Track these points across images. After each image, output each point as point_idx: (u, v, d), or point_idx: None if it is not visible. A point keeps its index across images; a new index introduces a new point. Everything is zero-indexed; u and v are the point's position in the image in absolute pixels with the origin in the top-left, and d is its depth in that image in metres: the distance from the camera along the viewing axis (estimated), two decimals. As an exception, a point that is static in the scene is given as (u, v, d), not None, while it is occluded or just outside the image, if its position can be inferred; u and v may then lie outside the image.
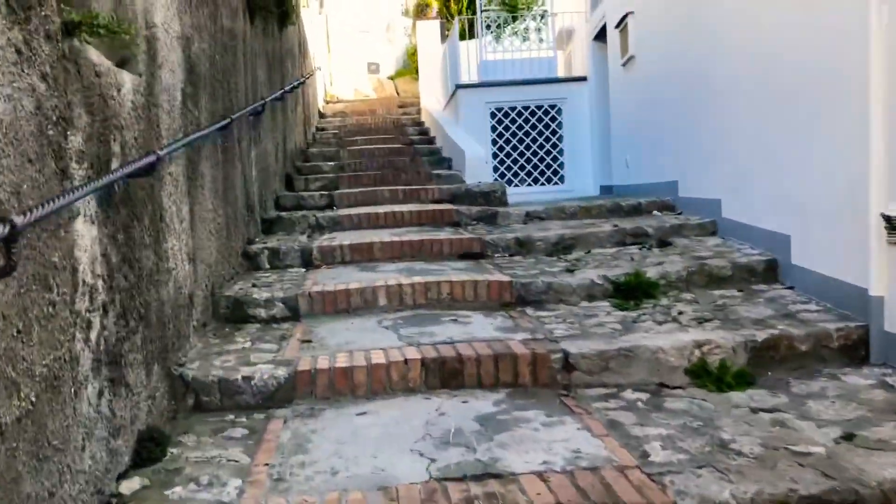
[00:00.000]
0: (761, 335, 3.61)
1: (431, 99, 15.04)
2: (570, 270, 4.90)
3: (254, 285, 4.79)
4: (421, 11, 17.43)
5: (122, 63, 3.01)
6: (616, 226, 6.06)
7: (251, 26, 6.51)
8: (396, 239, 5.75)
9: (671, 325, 3.91)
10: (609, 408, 3.17)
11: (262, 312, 4.40)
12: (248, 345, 3.89)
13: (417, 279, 4.65)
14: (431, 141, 12.17)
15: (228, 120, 4.48)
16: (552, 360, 3.43)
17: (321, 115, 15.41)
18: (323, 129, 13.79)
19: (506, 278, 4.62)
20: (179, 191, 3.72)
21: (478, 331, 3.91)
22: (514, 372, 3.40)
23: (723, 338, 3.57)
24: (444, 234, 6.07)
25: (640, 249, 5.57)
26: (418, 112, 15.73)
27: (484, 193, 7.86)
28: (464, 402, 3.24)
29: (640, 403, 3.22)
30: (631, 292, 4.53)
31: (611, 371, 3.44)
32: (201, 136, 3.94)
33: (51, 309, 2.10)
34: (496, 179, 10.75)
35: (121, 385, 2.65)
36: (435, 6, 17.59)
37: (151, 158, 2.66)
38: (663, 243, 5.66)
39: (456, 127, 11.06)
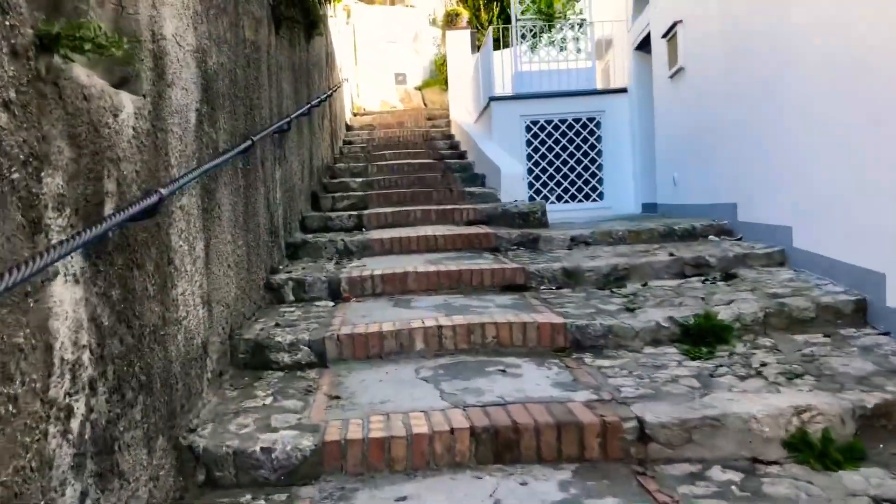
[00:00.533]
0: (870, 399, 3.06)
1: (461, 111, 14.58)
2: (629, 309, 4.36)
3: (277, 324, 4.31)
4: (450, 21, 17.00)
5: (122, 83, 2.55)
6: (673, 254, 5.51)
7: (276, 37, 6.07)
8: (432, 268, 5.26)
9: (757, 382, 3.36)
10: (698, 494, 2.63)
11: (285, 358, 3.93)
12: (268, 400, 3.41)
13: (458, 319, 4.14)
14: (463, 155, 11.70)
15: (250, 142, 4.02)
16: (625, 429, 2.90)
17: (348, 128, 15.02)
18: (350, 143, 13.38)
19: (558, 319, 4.10)
20: (192, 226, 3.25)
21: (531, 386, 3.39)
22: (580, 444, 2.88)
23: (825, 403, 3.02)
24: (484, 263, 5.57)
25: (703, 283, 5.02)
26: (448, 124, 15.28)
27: (522, 214, 7.36)
28: (522, 483, 2.72)
29: (734, 487, 2.68)
30: (701, 337, 3.99)
31: (694, 443, 2.91)
32: (220, 163, 3.49)
33: (10, 407, 1.62)
34: (532, 197, 10.24)
35: (112, 477, 2.18)
36: (465, 15, 17.15)
37: (152, 200, 2.19)
38: (728, 276, 5.11)
39: (489, 141, 10.57)
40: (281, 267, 5.66)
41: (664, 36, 8.24)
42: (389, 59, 25.79)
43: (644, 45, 10.04)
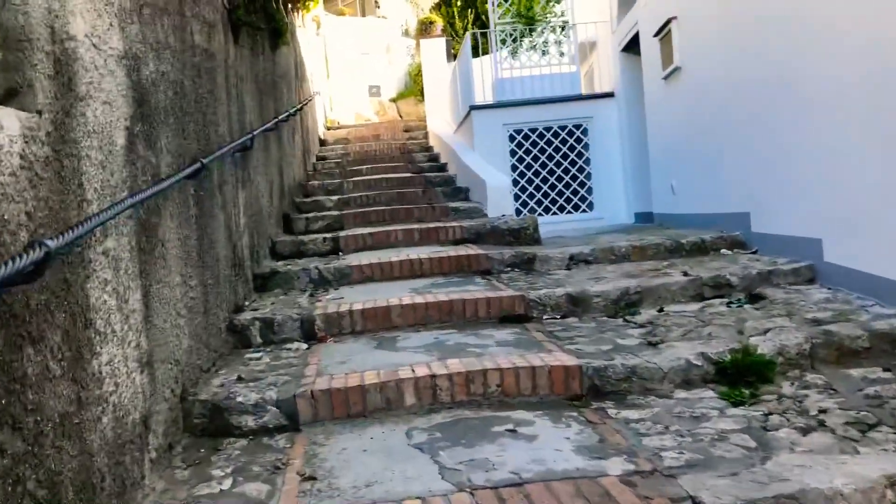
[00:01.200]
0: (975, 460, 2.48)
1: (439, 121, 14.00)
2: (651, 343, 3.76)
3: (240, 378, 3.65)
4: (424, 30, 16.46)
5: (8, 95, 1.91)
6: (687, 274, 4.93)
7: (235, 46, 5.44)
8: (419, 299, 4.63)
9: (823, 437, 2.77)
10: None
11: (249, 421, 3.27)
12: (227, 483, 2.75)
13: (454, 365, 3.51)
14: (443, 168, 11.10)
15: (199, 164, 3.38)
16: (678, 516, 2.29)
17: (322, 143, 14.37)
18: (324, 158, 12.73)
19: (572, 361, 3.49)
20: (124, 274, 2.61)
21: (550, 453, 2.77)
22: (623, 537, 2.27)
23: (922, 467, 2.44)
24: (477, 289, 4.95)
25: (727, 306, 4.44)
26: (425, 136, 14.68)
27: (513, 231, 6.76)
28: None
29: None
30: (740, 375, 3.39)
31: (767, 531, 2.30)
32: (156, 192, 2.84)
33: None
34: (519, 210, 9.65)
35: None
36: (439, 24, 16.61)
37: (33, 257, 1.55)
38: (754, 297, 4.54)
39: (471, 152, 9.97)
40: (247, 303, 5.00)
41: (656, 35, 7.70)
42: (363, 71, 25.22)
43: (631, 47, 9.51)
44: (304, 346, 4.29)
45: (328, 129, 17.09)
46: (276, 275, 5.59)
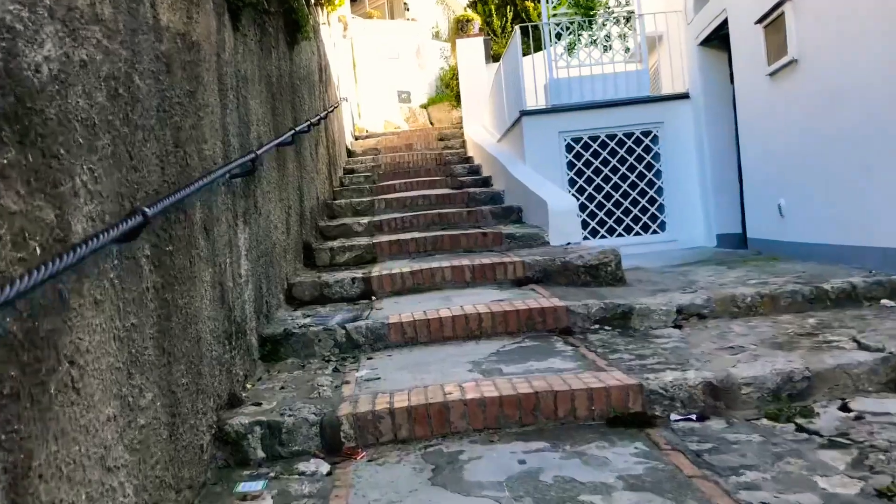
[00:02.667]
0: None
1: (479, 129, 12.64)
2: (882, 494, 2.33)
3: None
4: (461, 28, 15.10)
5: None
6: (861, 343, 3.48)
7: (235, 34, 4.10)
8: (489, 389, 3.23)
9: None
10: None
11: None
12: None
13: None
14: (487, 182, 9.72)
15: (141, 220, 2.02)
16: None
17: (349, 154, 13.08)
18: (352, 171, 11.42)
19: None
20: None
21: None
22: None
23: None
24: (565, 367, 3.55)
25: (956, 407, 3.00)
26: (463, 145, 13.34)
27: (590, 268, 5.35)
28: None
29: None
30: None
31: None
32: (53, 276, 1.49)
33: None
34: (586, 236, 8.23)
35: None
36: (477, 21, 15.24)
37: None
38: None
39: (521, 165, 8.58)
40: (248, 385, 3.65)
41: (760, 21, 6.25)
42: (392, 76, 23.99)
43: (712, 39, 8.07)
44: (325, 468, 2.90)
45: (356, 138, 15.82)
46: (291, 337, 4.23)
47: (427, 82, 25.77)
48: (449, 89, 21.65)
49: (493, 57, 15.04)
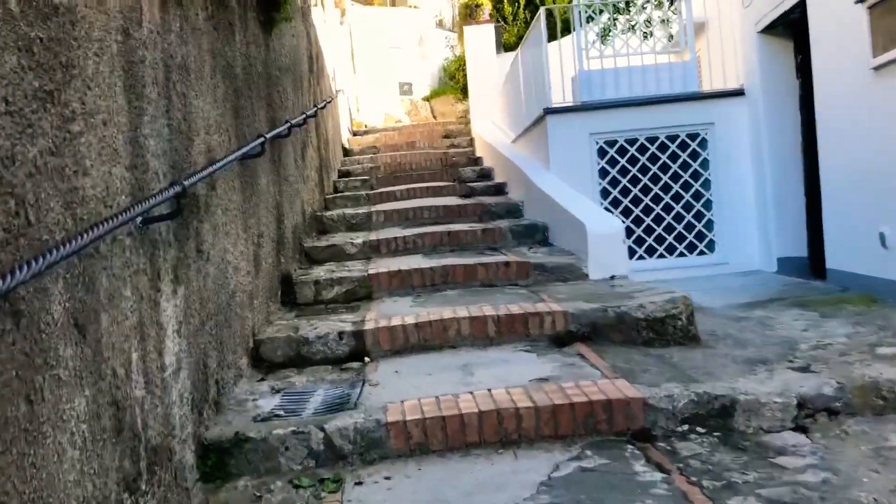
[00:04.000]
0: None
1: (488, 126, 11.33)
2: None
3: None
4: (469, 14, 13.73)
5: None
6: None
7: (164, 3, 2.79)
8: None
9: None
10: None
11: None
12: None
13: None
14: (501, 190, 8.42)
15: None
16: None
17: (346, 153, 11.77)
18: (348, 175, 10.09)
19: None
20: None
21: None
22: None
23: None
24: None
25: None
26: (471, 143, 12.02)
27: (653, 322, 4.07)
28: None
29: None
30: None
31: None
32: None
33: None
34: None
35: None
36: (487, 7, 13.88)
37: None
38: None
39: (544, 171, 7.27)
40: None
41: (863, 0, 4.92)
42: (392, 67, 22.66)
43: (776, 26, 6.74)
44: None
45: (354, 133, 14.50)
46: (245, 445, 2.91)
47: (430, 73, 24.43)
48: (453, 81, 20.30)
49: (504, 46, 13.70)
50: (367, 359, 4.01)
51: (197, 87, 3.22)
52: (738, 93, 7.32)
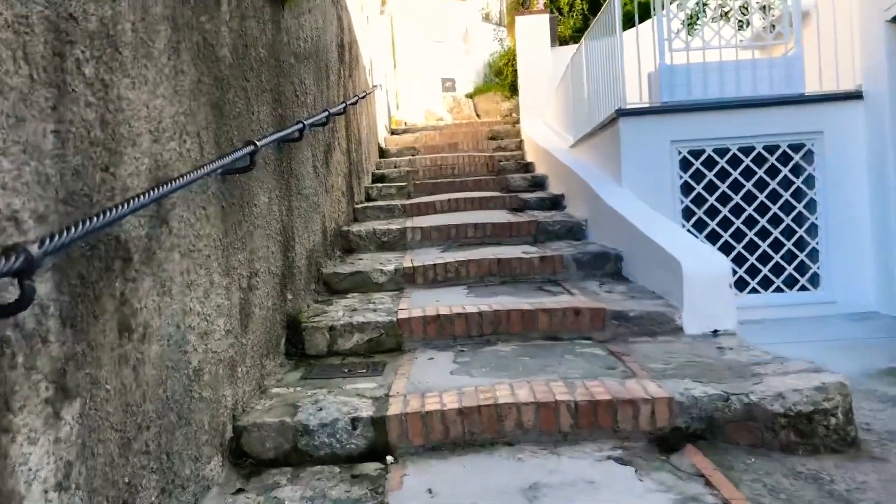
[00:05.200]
0: None
1: (540, 127, 10.14)
2: None
3: None
4: (521, 3, 12.50)
5: None
6: None
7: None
8: None
9: None
10: None
11: None
12: None
13: None
14: (557, 203, 7.23)
15: None
16: None
17: (381, 153, 10.66)
18: (381, 180, 8.99)
19: None
20: None
21: None
22: None
23: None
24: None
25: None
26: (519, 146, 10.84)
27: (795, 419, 2.84)
28: None
29: None
30: None
31: None
32: None
33: None
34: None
35: None
36: (540, -3, 12.63)
37: None
38: None
39: (615, 186, 6.05)
40: None
41: None
42: (435, 62, 21.53)
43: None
44: None
45: (392, 132, 13.41)
46: None
47: (474, 69, 23.24)
48: (500, 77, 19.10)
49: (559, 40, 12.48)
50: (389, 458, 2.85)
51: (135, 71, 2.09)
52: (855, 95, 6.01)
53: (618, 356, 3.61)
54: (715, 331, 3.97)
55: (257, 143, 2.92)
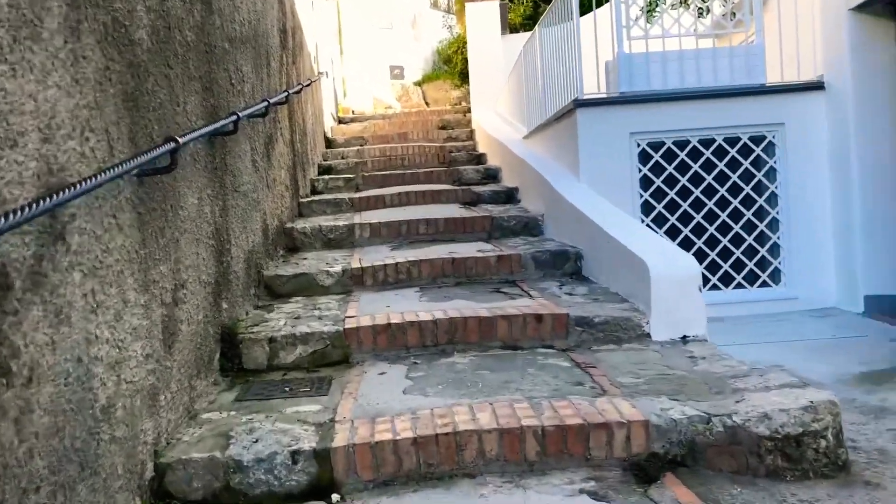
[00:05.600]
0: None
1: (492, 118, 9.88)
2: None
3: None
4: (471, -12, 12.15)
5: None
6: None
7: None
8: None
9: None
10: None
11: None
12: None
13: None
14: (512, 196, 6.98)
15: None
16: None
17: (328, 144, 10.25)
18: (328, 171, 8.61)
19: None
20: None
21: None
22: None
23: None
24: None
25: None
26: (470, 136, 10.56)
27: (783, 442, 2.64)
28: None
29: None
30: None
31: None
32: None
33: None
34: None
35: None
36: (491, -18, 12.28)
37: None
38: None
39: (573, 180, 5.80)
40: None
41: None
42: (383, 49, 21.07)
43: (874, 3, 5.27)
44: None
45: (339, 121, 12.96)
46: None
47: (423, 57, 22.87)
48: (449, 65, 18.76)
49: (509, 27, 12.20)
50: (335, 497, 2.53)
51: (16, 56, 1.71)
52: (817, 86, 5.85)
53: (584, 368, 3.34)
54: (684, 336, 3.74)
55: (179, 139, 2.54)
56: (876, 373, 4.00)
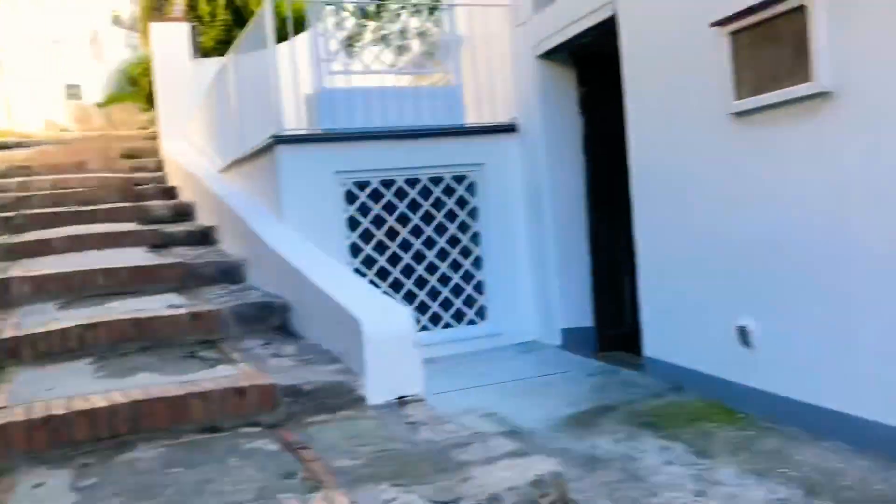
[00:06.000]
0: None
1: (185, 148, 9.13)
2: None
3: None
4: (157, 8, 11.20)
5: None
6: None
7: None
8: None
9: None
10: None
11: None
12: None
13: None
14: (208, 237, 6.39)
15: None
16: None
17: (-19, 175, 8.65)
18: (-21, 211, 7.20)
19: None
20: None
21: None
22: None
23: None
24: None
25: None
26: (159, 166, 9.64)
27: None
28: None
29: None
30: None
31: None
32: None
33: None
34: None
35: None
36: (179, 4, 11.41)
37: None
38: None
39: (274, 222, 5.38)
40: None
41: (727, 22, 3.74)
42: (58, 66, 18.90)
43: (559, 51, 5.56)
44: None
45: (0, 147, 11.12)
46: None
47: (106, 76, 20.87)
48: (137, 87, 17.24)
49: (201, 51, 11.41)
50: None
51: None
52: (510, 128, 6.05)
53: (295, 452, 2.91)
54: (401, 397, 3.48)
55: None
56: (581, 414, 4.08)
